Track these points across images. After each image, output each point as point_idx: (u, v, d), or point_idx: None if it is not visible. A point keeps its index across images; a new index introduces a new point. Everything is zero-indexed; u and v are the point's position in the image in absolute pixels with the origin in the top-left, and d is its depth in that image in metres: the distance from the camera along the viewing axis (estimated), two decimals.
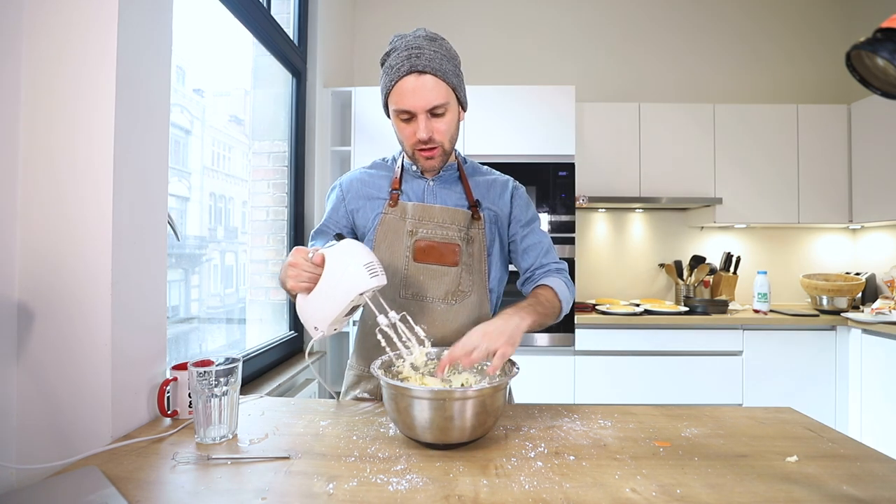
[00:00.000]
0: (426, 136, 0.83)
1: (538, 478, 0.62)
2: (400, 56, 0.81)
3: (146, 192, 0.85)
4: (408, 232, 0.90)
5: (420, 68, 0.79)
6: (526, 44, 2.89)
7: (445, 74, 0.82)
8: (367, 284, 0.73)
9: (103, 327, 0.76)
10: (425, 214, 0.90)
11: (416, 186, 0.94)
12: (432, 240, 0.90)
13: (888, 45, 0.44)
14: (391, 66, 0.82)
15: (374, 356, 0.82)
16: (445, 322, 0.91)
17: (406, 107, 0.81)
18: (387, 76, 0.84)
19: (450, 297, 0.92)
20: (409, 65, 0.79)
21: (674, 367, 2.28)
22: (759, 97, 2.83)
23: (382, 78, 0.86)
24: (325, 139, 2.32)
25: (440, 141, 0.86)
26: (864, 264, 2.73)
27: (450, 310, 0.92)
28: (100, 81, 0.76)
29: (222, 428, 0.75)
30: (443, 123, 0.85)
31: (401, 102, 0.82)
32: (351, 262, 0.74)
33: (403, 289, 0.91)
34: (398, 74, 0.80)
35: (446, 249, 0.91)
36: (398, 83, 0.81)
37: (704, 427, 0.81)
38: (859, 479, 0.62)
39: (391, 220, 0.90)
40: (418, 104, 0.81)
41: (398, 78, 0.81)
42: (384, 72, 0.85)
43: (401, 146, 0.92)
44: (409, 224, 0.90)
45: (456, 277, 0.92)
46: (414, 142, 0.85)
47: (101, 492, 0.57)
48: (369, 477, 0.62)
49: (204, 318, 1.56)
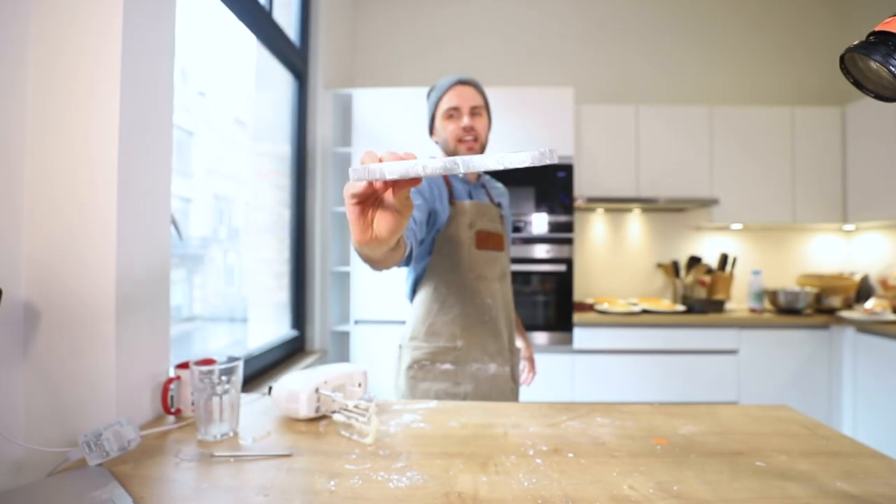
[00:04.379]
0: (469, 124, 1.05)
1: (537, 475, 0.63)
2: (448, 78, 1.10)
3: (150, 192, 0.86)
4: (468, 224, 1.08)
5: (465, 81, 1.10)
6: (524, 46, 2.90)
7: (481, 90, 1.13)
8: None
9: (108, 326, 0.77)
10: (480, 210, 1.10)
11: (461, 188, 1.13)
12: (486, 230, 1.10)
13: (882, 49, 0.45)
14: (441, 86, 1.09)
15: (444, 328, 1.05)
16: (502, 297, 1.13)
17: (454, 104, 1.06)
18: (437, 92, 1.09)
19: (501, 276, 1.13)
20: (458, 79, 1.09)
21: (671, 366, 2.29)
22: (756, 100, 2.85)
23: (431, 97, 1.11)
24: (326, 141, 2.32)
25: (479, 132, 1.08)
26: (858, 264, 2.75)
27: (502, 287, 1.13)
28: (105, 83, 0.77)
29: (224, 426, 0.76)
30: (480, 122, 1.09)
31: (450, 101, 1.06)
32: None
33: (469, 271, 1.08)
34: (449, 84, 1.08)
35: (496, 238, 1.12)
36: (449, 90, 1.08)
37: (701, 425, 0.82)
38: (853, 476, 0.63)
39: (455, 214, 1.08)
40: (463, 102, 1.06)
41: (449, 86, 1.08)
42: (434, 91, 1.11)
43: (443, 147, 1.11)
44: (469, 218, 1.08)
45: (503, 260, 1.14)
46: (459, 133, 1.06)
47: (106, 488, 0.58)
48: (370, 474, 0.63)
49: (207, 318, 1.56)
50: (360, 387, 0.94)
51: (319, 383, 0.84)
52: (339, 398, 0.84)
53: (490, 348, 1.08)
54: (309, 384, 0.83)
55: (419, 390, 1.06)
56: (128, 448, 0.68)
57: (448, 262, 1.07)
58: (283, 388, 0.84)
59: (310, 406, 0.82)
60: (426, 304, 1.08)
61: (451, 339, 1.05)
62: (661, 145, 2.55)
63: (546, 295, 2.29)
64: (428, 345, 1.07)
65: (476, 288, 1.07)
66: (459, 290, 1.06)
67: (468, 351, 1.06)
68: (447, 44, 2.90)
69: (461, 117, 1.06)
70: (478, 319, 1.07)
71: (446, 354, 1.06)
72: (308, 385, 0.83)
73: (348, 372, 0.92)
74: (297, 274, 2.13)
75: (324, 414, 0.84)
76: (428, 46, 2.90)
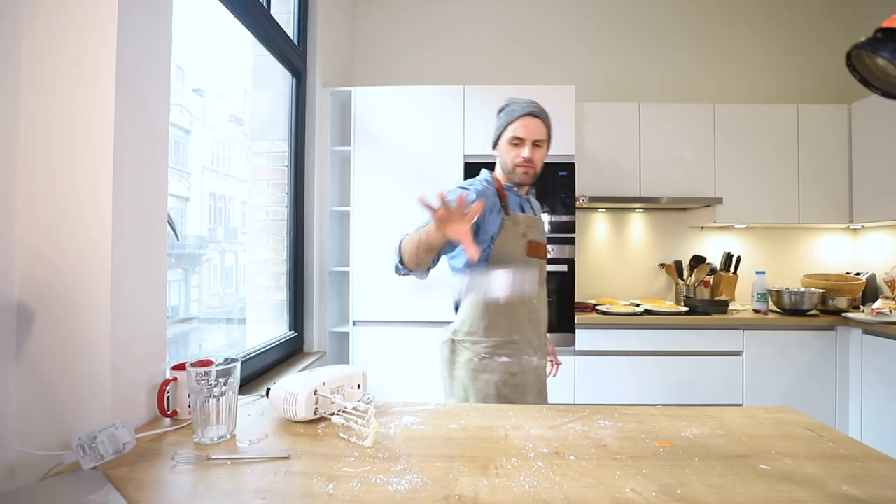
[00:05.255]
0: (529, 156, 1.18)
1: (538, 478, 0.62)
2: (521, 104, 1.21)
3: (146, 191, 0.85)
4: (521, 234, 1.21)
5: (535, 113, 1.20)
6: (526, 44, 2.89)
7: (548, 124, 1.24)
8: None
9: (103, 327, 0.76)
10: (530, 222, 1.24)
11: (514, 201, 1.25)
12: (535, 240, 1.23)
13: (889, 45, 0.44)
14: (513, 110, 1.20)
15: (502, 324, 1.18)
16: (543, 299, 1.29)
17: (520, 135, 1.18)
18: (507, 115, 1.21)
19: (542, 281, 1.28)
20: (529, 110, 1.20)
21: (674, 368, 2.28)
22: (760, 97, 2.83)
23: (502, 117, 1.23)
24: (324, 139, 2.32)
25: (536, 163, 1.21)
26: (865, 264, 2.73)
27: (542, 290, 1.28)
28: (99, 81, 0.76)
29: (221, 428, 0.75)
30: (539, 153, 1.22)
31: (517, 131, 1.19)
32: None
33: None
34: (520, 113, 1.19)
35: (542, 248, 1.26)
36: (518, 119, 1.19)
37: (704, 427, 0.81)
38: (860, 479, 0.62)
39: (508, 224, 1.20)
40: (529, 135, 1.18)
41: (519, 115, 1.19)
42: (505, 113, 1.22)
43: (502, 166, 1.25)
44: (522, 229, 1.21)
45: (544, 268, 1.28)
46: (519, 160, 1.19)
47: (101, 492, 0.57)
48: (369, 477, 0.62)
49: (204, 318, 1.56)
50: (359, 388, 0.93)
51: (318, 385, 0.83)
52: (338, 400, 0.83)
53: (534, 343, 1.23)
54: (307, 386, 0.83)
55: (480, 380, 1.17)
56: (123, 451, 0.67)
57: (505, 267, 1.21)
58: (281, 390, 0.84)
59: (308, 408, 0.81)
60: (484, 303, 1.20)
61: (508, 334, 1.19)
62: (664, 144, 2.54)
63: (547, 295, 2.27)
64: (487, 339, 1.19)
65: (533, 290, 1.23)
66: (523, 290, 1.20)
67: (521, 345, 1.20)
68: (447, 42, 2.89)
69: (523, 147, 1.19)
70: (527, 317, 1.21)
71: (504, 348, 1.19)
72: (306, 387, 0.82)
73: (347, 373, 0.91)
74: (295, 274, 2.13)
75: (322, 416, 0.83)
76: (428, 45, 2.89)
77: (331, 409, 0.84)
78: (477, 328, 1.20)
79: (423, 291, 2.15)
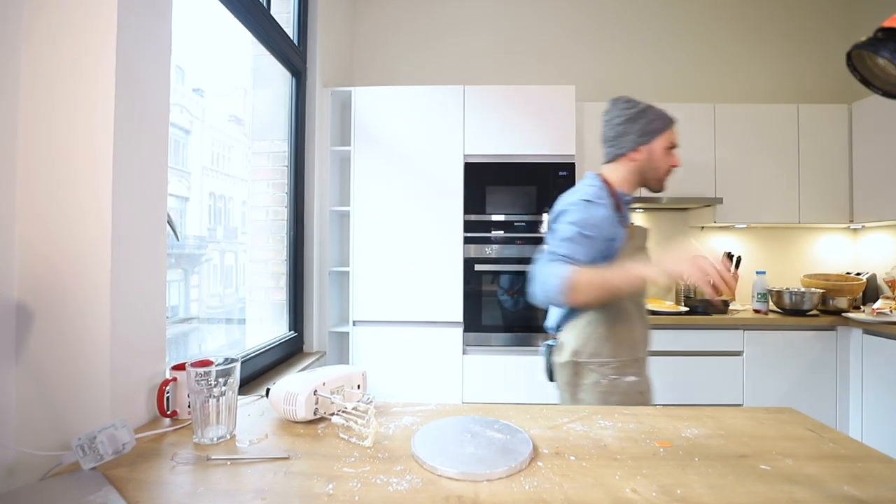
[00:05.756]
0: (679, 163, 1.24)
1: (538, 478, 0.62)
2: (663, 112, 1.22)
3: (145, 191, 0.85)
4: (637, 247, 1.23)
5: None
6: (526, 44, 2.89)
7: None
8: None
9: (102, 327, 0.76)
10: (640, 232, 1.28)
11: (626, 215, 1.25)
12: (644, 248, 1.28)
13: (889, 45, 0.44)
14: (667, 119, 1.21)
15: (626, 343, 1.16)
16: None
17: (676, 142, 1.22)
18: (662, 122, 1.21)
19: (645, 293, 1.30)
20: (674, 118, 1.23)
21: (674, 368, 2.28)
22: (760, 97, 2.83)
23: (656, 122, 1.21)
24: (324, 139, 2.32)
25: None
26: (865, 264, 2.73)
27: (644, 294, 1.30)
28: (99, 81, 0.76)
29: (221, 428, 0.75)
30: None
31: (673, 138, 1.21)
32: None
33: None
34: (673, 121, 1.21)
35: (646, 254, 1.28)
36: (673, 127, 1.22)
37: (705, 427, 0.81)
38: (860, 480, 0.62)
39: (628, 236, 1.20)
40: (678, 142, 1.23)
41: (673, 124, 1.21)
42: (656, 116, 1.21)
43: (651, 171, 1.22)
44: (637, 241, 1.24)
45: None
46: (675, 166, 1.22)
47: (100, 492, 0.57)
48: (369, 477, 0.62)
49: (203, 318, 1.56)
50: (359, 389, 0.93)
51: (318, 385, 0.83)
52: (338, 400, 0.83)
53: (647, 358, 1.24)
54: (307, 386, 0.82)
55: (611, 403, 1.12)
56: (122, 451, 0.67)
57: None
58: (281, 390, 0.83)
59: (308, 408, 0.81)
60: (608, 321, 1.16)
61: (633, 353, 1.17)
62: None
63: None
64: (615, 360, 1.15)
65: (642, 303, 1.24)
66: (636, 305, 1.21)
67: (644, 362, 1.20)
68: (447, 42, 2.89)
69: (675, 154, 1.24)
70: (642, 331, 1.21)
71: (630, 367, 1.16)
72: (306, 387, 0.82)
73: (347, 374, 0.91)
74: (294, 274, 2.13)
75: (322, 416, 0.83)
76: (427, 45, 2.89)
77: (331, 409, 0.84)
78: (601, 348, 1.15)
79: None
